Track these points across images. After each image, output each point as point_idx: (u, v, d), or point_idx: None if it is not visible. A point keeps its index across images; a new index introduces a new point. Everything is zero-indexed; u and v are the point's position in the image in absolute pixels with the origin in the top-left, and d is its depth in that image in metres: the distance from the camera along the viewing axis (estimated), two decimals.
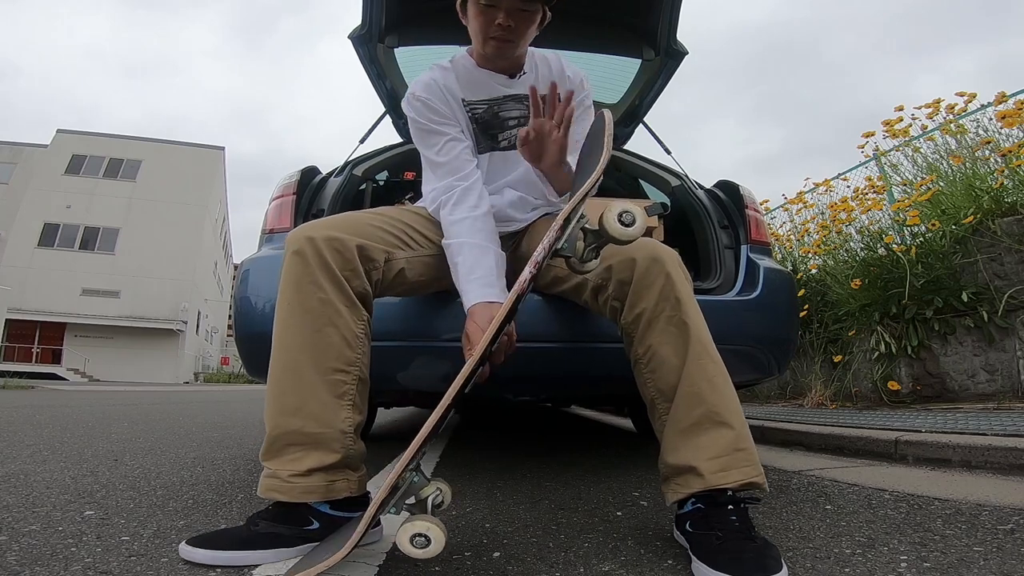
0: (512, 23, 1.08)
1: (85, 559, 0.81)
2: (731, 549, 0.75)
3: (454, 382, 0.74)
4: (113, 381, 19.45)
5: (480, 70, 1.19)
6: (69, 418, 3.53)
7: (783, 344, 1.54)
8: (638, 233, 0.81)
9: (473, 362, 0.75)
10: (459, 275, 1.00)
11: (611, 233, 0.80)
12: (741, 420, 0.87)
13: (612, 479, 1.50)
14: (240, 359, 1.49)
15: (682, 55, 1.85)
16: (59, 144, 23.78)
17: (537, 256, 0.80)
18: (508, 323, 0.84)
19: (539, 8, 1.11)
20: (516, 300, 0.78)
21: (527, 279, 0.79)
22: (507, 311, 0.77)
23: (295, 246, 0.90)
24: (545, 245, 0.80)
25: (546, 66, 1.23)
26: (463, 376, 0.74)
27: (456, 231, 1.04)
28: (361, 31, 1.73)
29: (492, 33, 1.10)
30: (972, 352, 2.63)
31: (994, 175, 2.87)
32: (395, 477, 0.72)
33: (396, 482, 0.74)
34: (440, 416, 0.74)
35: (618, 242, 0.82)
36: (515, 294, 0.78)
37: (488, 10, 1.08)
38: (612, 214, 0.80)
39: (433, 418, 0.74)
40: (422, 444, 0.74)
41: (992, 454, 1.52)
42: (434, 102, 1.16)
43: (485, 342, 0.76)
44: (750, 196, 1.77)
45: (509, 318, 0.79)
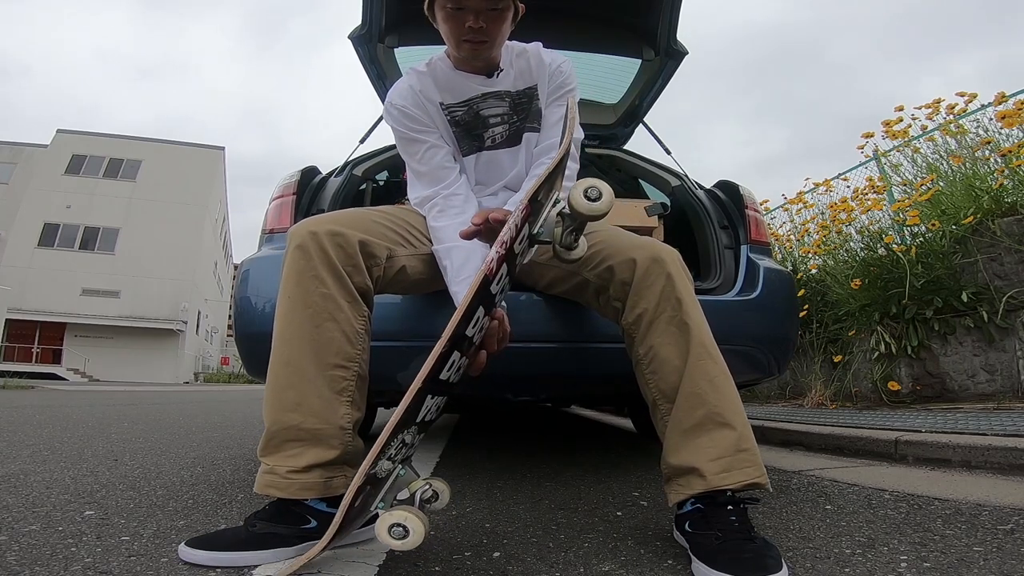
0: (483, 23, 1.06)
1: (85, 559, 0.81)
2: (731, 549, 0.75)
3: (425, 364, 0.72)
4: (113, 381, 19.44)
5: (457, 72, 1.16)
6: (69, 418, 3.53)
7: (783, 344, 1.54)
8: (605, 208, 0.79)
9: (441, 345, 0.72)
10: (448, 277, 1.01)
11: (578, 209, 0.79)
12: (743, 420, 0.87)
13: (612, 479, 1.50)
14: (240, 359, 1.49)
15: (682, 55, 1.85)
16: (59, 144, 23.78)
17: (503, 236, 0.77)
18: (490, 308, 0.83)
19: (509, 5, 1.08)
20: (482, 281, 0.75)
21: (493, 258, 0.76)
22: (473, 292, 0.74)
23: (297, 240, 0.90)
24: (511, 225, 0.78)
25: (524, 59, 1.19)
26: (432, 359, 0.72)
27: (443, 236, 1.05)
28: (361, 31, 1.73)
29: (464, 36, 1.07)
30: (972, 352, 2.63)
31: (994, 175, 2.87)
32: (368, 464, 0.70)
33: (376, 472, 0.72)
34: (409, 403, 0.71)
35: (587, 219, 0.81)
36: (481, 274, 0.75)
37: (457, 13, 1.06)
38: (578, 191, 0.79)
39: (403, 405, 0.71)
40: (392, 433, 0.71)
41: (992, 454, 1.52)
42: (411, 109, 1.15)
43: (453, 324, 0.73)
44: (750, 196, 1.77)
45: (479, 301, 0.76)
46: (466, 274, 0.99)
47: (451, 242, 1.02)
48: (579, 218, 0.82)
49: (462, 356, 0.80)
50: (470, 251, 1.01)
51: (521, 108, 1.19)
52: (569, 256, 0.90)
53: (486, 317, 0.84)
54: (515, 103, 1.18)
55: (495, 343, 0.92)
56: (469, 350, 0.83)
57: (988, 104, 3.16)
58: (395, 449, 0.74)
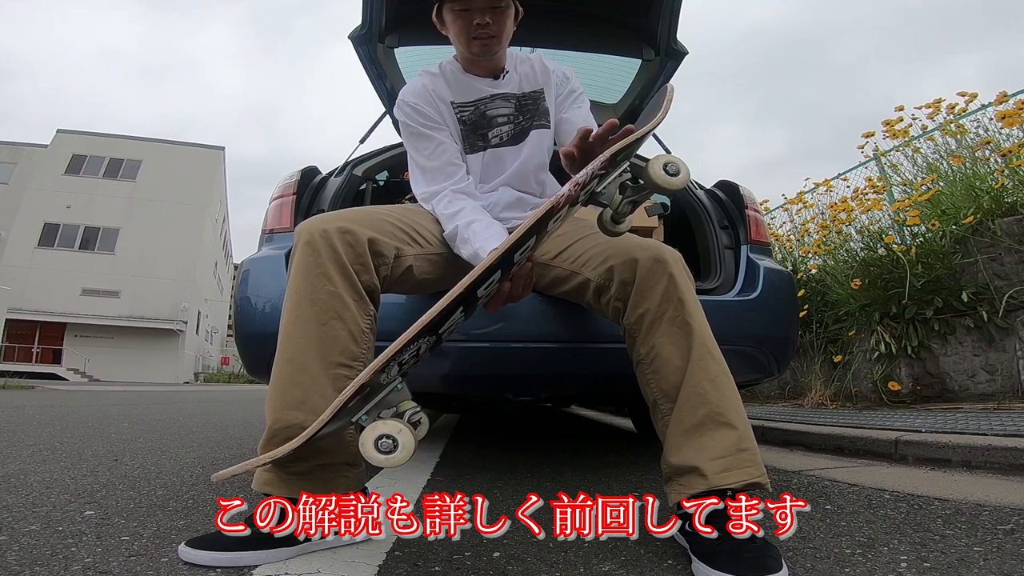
0: (490, 20, 1.14)
1: (85, 559, 0.81)
2: (731, 549, 0.75)
3: (471, 272, 0.74)
4: (113, 381, 19.44)
5: (466, 75, 1.24)
6: (69, 418, 3.53)
7: (783, 344, 1.54)
8: (681, 184, 0.82)
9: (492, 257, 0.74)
10: (476, 237, 1.01)
11: (654, 180, 0.81)
12: (744, 420, 0.87)
13: (612, 479, 1.50)
14: (240, 359, 1.49)
15: (682, 55, 1.85)
16: (59, 144, 23.76)
17: (579, 177, 0.80)
18: (538, 241, 0.84)
19: (510, 3, 1.16)
20: (548, 210, 0.76)
21: (563, 193, 0.78)
22: (540, 214, 0.75)
23: (307, 236, 0.90)
24: (589, 169, 0.80)
25: (528, 65, 1.28)
26: (480, 268, 0.74)
27: (458, 217, 1.06)
28: (361, 31, 1.73)
29: (474, 33, 1.15)
30: (972, 352, 2.63)
31: (994, 175, 2.87)
32: (382, 361, 0.67)
33: (382, 378, 0.69)
34: (445, 307, 0.71)
35: (660, 191, 0.83)
36: (550, 203, 0.76)
37: (464, 14, 1.14)
38: (658, 163, 0.81)
39: (437, 307, 0.70)
40: (417, 334, 0.68)
41: (992, 454, 1.52)
42: (423, 107, 1.20)
43: (513, 239, 0.75)
44: (750, 196, 1.77)
45: (537, 230, 0.78)
46: (494, 231, 1.01)
47: (468, 216, 1.05)
48: (651, 189, 0.83)
49: (499, 280, 0.82)
50: (490, 223, 1.05)
51: (527, 109, 1.25)
52: (615, 228, 0.92)
53: (526, 255, 0.85)
54: (520, 104, 1.25)
55: (520, 287, 0.94)
56: (505, 276, 0.85)
57: (988, 104, 3.16)
58: (408, 355, 0.73)
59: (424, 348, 0.78)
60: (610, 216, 0.91)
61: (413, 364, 0.80)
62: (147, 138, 25.73)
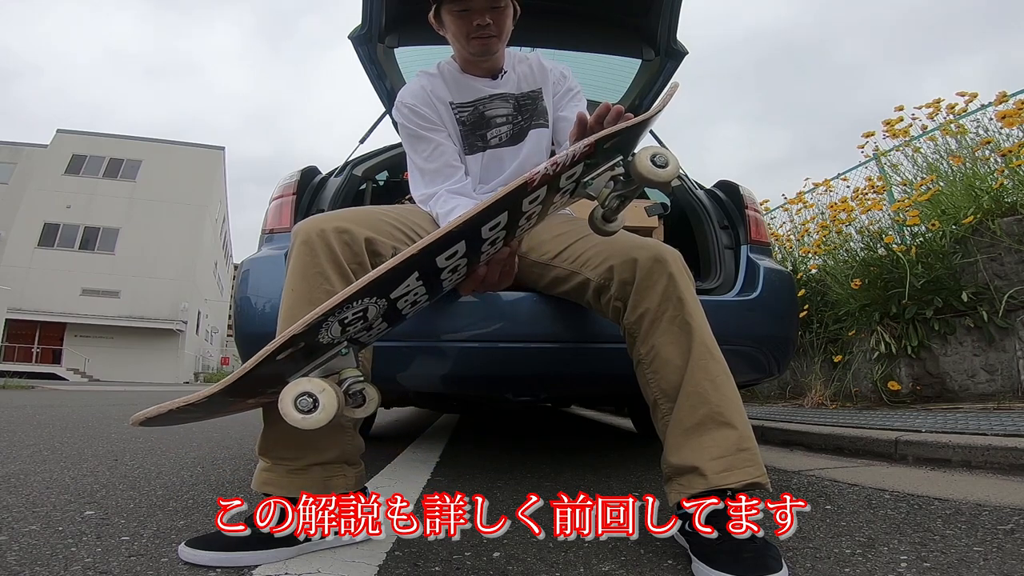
0: (490, 20, 1.14)
1: (85, 559, 0.81)
2: (731, 549, 0.75)
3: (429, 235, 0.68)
4: (113, 381, 19.43)
5: (464, 75, 1.24)
6: (69, 418, 3.53)
7: (783, 344, 1.54)
8: (668, 177, 0.76)
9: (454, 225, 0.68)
10: (450, 213, 1.03)
11: (641, 172, 0.76)
12: (744, 420, 0.87)
13: (612, 479, 1.50)
14: (240, 359, 1.49)
15: (682, 55, 1.85)
16: (59, 144, 23.77)
17: (558, 158, 0.74)
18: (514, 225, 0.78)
19: (508, 2, 1.16)
20: (521, 185, 0.70)
21: (539, 171, 0.72)
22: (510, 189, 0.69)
23: (304, 236, 0.90)
24: (571, 151, 0.74)
25: (526, 65, 1.28)
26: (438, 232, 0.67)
27: (451, 214, 1.06)
28: (361, 31, 1.73)
29: (473, 33, 1.15)
30: (972, 352, 2.63)
31: (994, 175, 2.87)
32: (318, 313, 0.61)
33: (320, 336, 0.63)
34: (395, 265, 0.65)
35: (648, 184, 0.77)
36: (523, 179, 0.70)
37: (464, 14, 1.15)
38: (645, 154, 0.76)
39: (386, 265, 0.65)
40: (361, 290, 0.62)
41: (992, 454, 1.52)
42: (421, 108, 1.20)
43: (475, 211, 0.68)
44: (750, 196, 1.77)
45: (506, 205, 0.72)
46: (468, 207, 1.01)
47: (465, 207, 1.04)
48: (639, 182, 0.78)
49: (465, 256, 0.76)
50: (471, 203, 1.06)
51: (526, 108, 1.25)
52: (606, 227, 0.88)
53: (502, 237, 0.81)
54: (519, 104, 1.25)
55: (496, 274, 0.93)
56: (474, 257, 0.80)
57: (988, 104, 3.16)
58: (352, 314, 0.67)
59: (374, 313, 0.72)
60: (601, 215, 0.89)
61: (363, 330, 0.74)
62: (147, 138, 25.75)
